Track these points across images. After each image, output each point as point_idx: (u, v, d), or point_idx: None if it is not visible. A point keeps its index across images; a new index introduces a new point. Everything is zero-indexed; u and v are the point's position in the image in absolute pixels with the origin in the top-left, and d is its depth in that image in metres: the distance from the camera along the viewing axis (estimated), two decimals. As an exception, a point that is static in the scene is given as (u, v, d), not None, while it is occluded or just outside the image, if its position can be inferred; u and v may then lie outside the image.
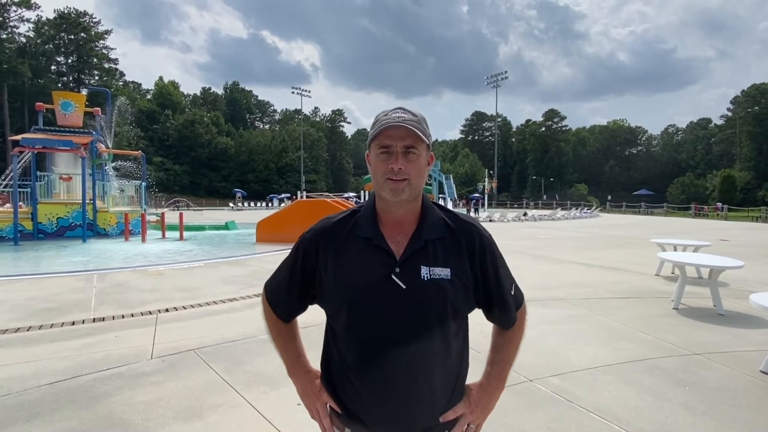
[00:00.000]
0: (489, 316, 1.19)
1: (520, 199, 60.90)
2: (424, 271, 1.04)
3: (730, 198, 44.62)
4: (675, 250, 7.97)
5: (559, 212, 31.86)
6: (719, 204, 39.05)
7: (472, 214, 29.66)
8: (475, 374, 1.21)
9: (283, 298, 1.19)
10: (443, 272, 1.05)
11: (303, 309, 1.20)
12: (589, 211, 35.01)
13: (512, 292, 1.16)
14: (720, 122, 77.28)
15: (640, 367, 3.47)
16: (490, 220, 24.35)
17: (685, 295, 5.47)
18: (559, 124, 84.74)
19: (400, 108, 1.06)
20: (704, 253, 7.22)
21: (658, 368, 3.44)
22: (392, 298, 1.02)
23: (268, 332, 1.23)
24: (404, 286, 1.02)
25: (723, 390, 3.08)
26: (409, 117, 1.03)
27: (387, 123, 1.02)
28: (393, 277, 1.03)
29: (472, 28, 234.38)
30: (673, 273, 7.33)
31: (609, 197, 51.89)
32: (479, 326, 1.35)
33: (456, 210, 1.21)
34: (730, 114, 73.51)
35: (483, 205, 45.17)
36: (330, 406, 1.17)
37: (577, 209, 35.35)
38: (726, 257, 5.97)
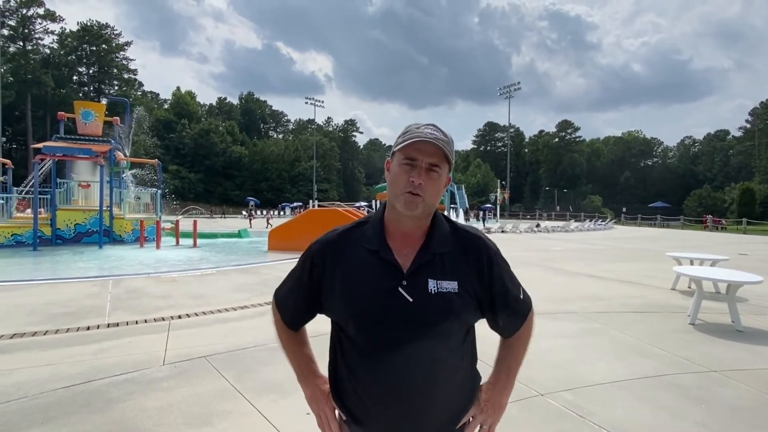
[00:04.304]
0: (494, 325, 1.18)
1: (533, 210, 60.43)
2: (432, 284, 1.04)
3: (749, 211, 43.58)
4: (691, 264, 7.82)
5: (573, 224, 31.49)
6: (708, 216, 38.67)
7: (480, 225, 29.49)
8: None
9: (290, 308, 1.20)
10: (450, 285, 1.05)
11: (310, 318, 1.21)
12: (603, 223, 34.53)
13: (521, 297, 1.16)
14: (738, 134, 76.08)
15: (655, 383, 3.40)
16: (503, 231, 24.17)
17: (702, 310, 5.36)
18: (573, 135, 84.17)
19: (432, 124, 1.06)
20: (722, 267, 7.06)
21: (674, 385, 3.36)
22: (399, 311, 1.02)
23: (279, 339, 1.25)
24: (411, 299, 1.02)
25: (741, 409, 3.00)
26: (440, 135, 1.03)
27: (418, 136, 1.02)
28: (400, 289, 1.03)
29: (483, 39, 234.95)
30: (689, 287, 7.19)
31: (624, 209, 51.20)
32: (488, 338, 1.35)
33: (463, 223, 1.22)
34: (748, 126, 72.28)
35: (495, 215, 44.87)
36: (338, 414, 1.18)
37: (591, 221, 34.91)
38: (744, 272, 5.83)
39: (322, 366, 1.24)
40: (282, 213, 48.70)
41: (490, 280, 1.10)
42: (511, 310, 1.15)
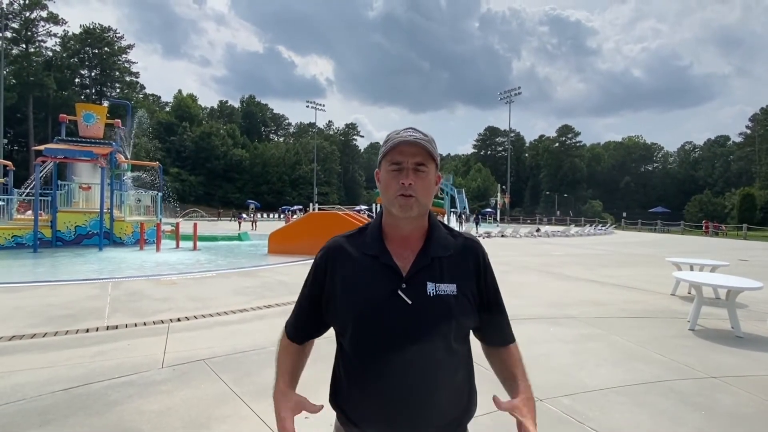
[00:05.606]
0: (484, 334, 1.19)
1: (533, 215, 60.38)
2: (431, 287, 1.06)
3: (749, 217, 43.53)
4: (691, 269, 7.81)
5: (573, 229, 31.52)
6: (708, 221, 38.84)
7: (473, 229, 29.43)
8: (482, 389, 1.20)
9: (296, 312, 1.21)
10: (449, 288, 1.07)
11: (313, 330, 1.20)
12: (603, 228, 34.55)
13: (503, 307, 1.20)
14: (738, 140, 76.06)
15: (655, 389, 3.39)
16: (502, 236, 24.17)
17: (702, 316, 5.35)
18: (573, 140, 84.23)
19: (410, 128, 1.10)
20: (722, 273, 7.05)
21: (673, 391, 3.35)
22: (398, 314, 1.03)
23: (277, 355, 1.24)
24: (410, 302, 1.04)
25: (740, 415, 2.99)
26: (420, 135, 1.07)
27: (399, 139, 1.06)
28: (399, 293, 1.05)
29: (484, 44, 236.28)
30: (689, 293, 7.18)
31: (624, 214, 51.12)
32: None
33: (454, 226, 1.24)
34: (749, 131, 72.25)
35: (495, 219, 44.84)
36: (336, 420, 1.18)
37: (591, 226, 34.95)
38: (744, 278, 5.82)
39: (322, 370, 1.24)
40: (281, 216, 48.79)
41: (485, 285, 1.14)
42: (498, 319, 1.18)
